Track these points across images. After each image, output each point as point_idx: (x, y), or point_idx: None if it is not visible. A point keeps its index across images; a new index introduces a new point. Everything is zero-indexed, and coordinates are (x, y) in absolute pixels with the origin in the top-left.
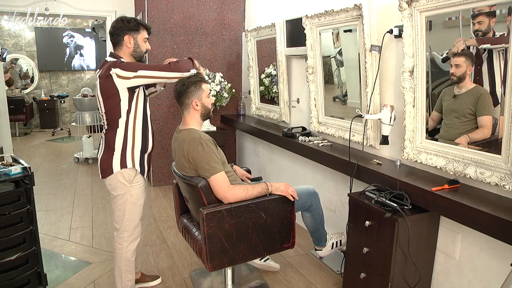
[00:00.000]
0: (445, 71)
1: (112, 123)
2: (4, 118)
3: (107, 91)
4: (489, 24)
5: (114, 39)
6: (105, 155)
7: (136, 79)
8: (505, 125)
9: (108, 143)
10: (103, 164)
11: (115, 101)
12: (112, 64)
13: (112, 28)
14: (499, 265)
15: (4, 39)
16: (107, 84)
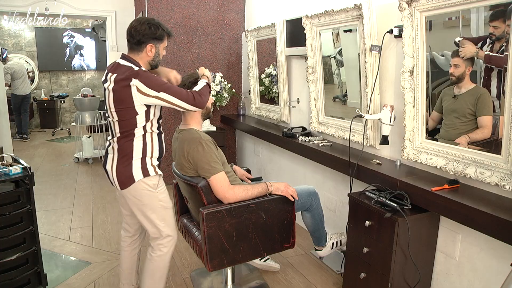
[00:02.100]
0: (445, 71)
1: (126, 133)
2: (4, 118)
3: (123, 101)
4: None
5: (135, 42)
6: (121, 165)
7: (155, 100)
8: (505, 125)
9: (123, 151)
10: (121, 175)
11: (131, 113)
12: (133, 73)
13: (136, 31)
14: (499, 265)
15: (4, 39)
16: (124, 94)
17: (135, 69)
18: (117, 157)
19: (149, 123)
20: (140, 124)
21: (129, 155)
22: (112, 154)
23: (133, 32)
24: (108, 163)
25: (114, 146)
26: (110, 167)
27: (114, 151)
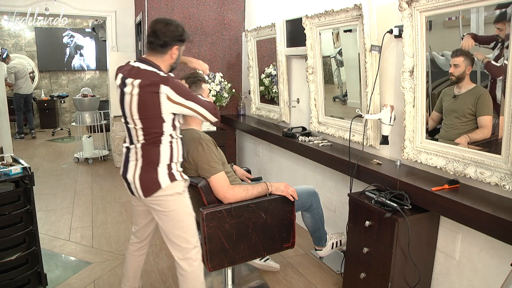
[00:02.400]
0: (445, 71)
1: (152, 139)
2: (4, 118)
3: (149, 109)
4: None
5: (160, 44)
6: (146, 172)
7: (182, 108)
8: (505, 125)
9: (149, 158)
10: (147, 182)
11: (157, 121)
12: (161, 79)
13: (162, 32)
14: (499, 265)
15: (4, 39)
16: (151, 101)
17: (162, 75)
18: (141, 163)
19: (175, 130)
20: (167, 132)
21: (155, 161)
22: (134, 161)
23: (159, 34)
24: (130, 171)
25: (138, 152)
26: (132, 175)
27: (138, 157)
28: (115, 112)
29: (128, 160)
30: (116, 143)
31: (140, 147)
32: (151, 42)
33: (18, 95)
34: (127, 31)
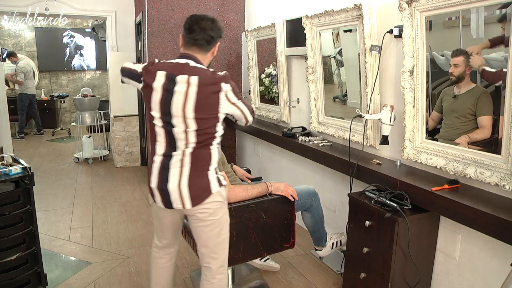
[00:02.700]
0: (445, 71)
1: (204, 142)
2: (4, 118)
3: (207, 108)
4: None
5: (207, 40)
6: (196, 178)
7: (234, 108)
8: (505, 125)
9: (200, 162)
10: (197, 189)
11: (212, 122)
12: (221, 78)
13: (210, 28)
14: (499, 265)
15: (4, 39)
16: (211, 100)
17: (221, 73)
18: (188, 170)
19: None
20: (219, 133)
21: (206, 165)
22: (179, 168)
23: (208, 30)
24: (173, 180)
25: (186, 157)
26: (176, 184)
27: (184, 163)
28: (115, 112)
29: (167, 168)
30: (116, 143)
31: (190, 151)
32: (198, 39)
33: (25, 95)
34: (127, 31)
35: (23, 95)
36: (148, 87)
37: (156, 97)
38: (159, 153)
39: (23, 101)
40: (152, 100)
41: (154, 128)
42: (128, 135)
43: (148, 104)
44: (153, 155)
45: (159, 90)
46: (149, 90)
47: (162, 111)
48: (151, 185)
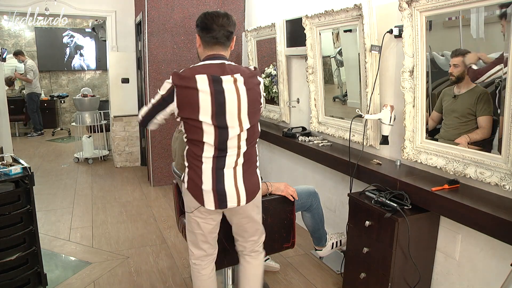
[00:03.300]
0: (445, 71)
1: (254, 137)
2: (4, 118)
3: (255, 102)
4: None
5: (227, 36)
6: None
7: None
8: (505, 125)
9: (250, 160)
10: (252, 186)
11: (258, 116)
12: (257, 71)
13: (229, 25)
14: (499, 265)
15: (4, 39)
16: (256, 94)
17: (250, 67)
18: (241, 168)
19: None
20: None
21: (255, 163)
22: (232, 169)
23: (226, 26)
24: (229, 181)
25: (240, 157)
26: (233, 184)
27: (238, 163)
28: (115, 112)
29: (222, 168)
30: (116, 143)
31: (243, 151)
32: (219, 37)
33: (34, 94)
34: (127, 31)
35: (32, 95)
36: (189, 95)
37: (206, 100)
38: (208, 155)
39: (34, 100)
40: (200, 104)
41: (201, 132)
42: (128, 135)
43: (194, 109)
44: (199, 158)
45: (207, 93)
46: (192, 96)
47: (215, 113)
48: (204, 188)
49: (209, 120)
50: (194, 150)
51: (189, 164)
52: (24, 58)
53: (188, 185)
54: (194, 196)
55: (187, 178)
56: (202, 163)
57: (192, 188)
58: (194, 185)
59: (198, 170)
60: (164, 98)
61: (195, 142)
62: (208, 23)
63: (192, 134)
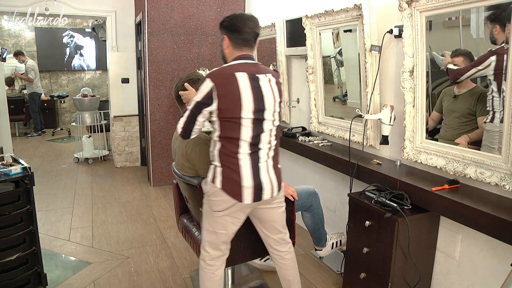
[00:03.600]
0: (445, 71)
1: (277, 135)
2: (4, 118)
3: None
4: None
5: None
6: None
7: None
8: (505, 125)
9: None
10: (279, 177)
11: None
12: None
13: (257, 27)
14: (499, 265)
15: (4, 39)
16: (280, 91)
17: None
18: (272, 161)
19: None
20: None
21: (278, 155)
22: (265, 162)
23: (255, 28)
24: (264, 174)
25: (271, 150)
26: (267, 177)
27: (269, 156)
28: (115, 112)
29: (257, 162)
30: (116, 143)
31: (274, 143)
32: (249, 39)
33: (36, 94)
34: (127, 31)
35: (34, 94)
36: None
37: (247, 96)
38: (245, 152)
39: (35, 99)
40: (242, 100)
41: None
42: (128, 135)
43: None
44: (234, 155)
45: (248, 89)
46: (234, 92)
47: (256, 108)
48: (244, 184)
49: (250, 115)
50: (229, 148)
51: (222, 163)
52: (25, 58)
53: (223, 184)
54: (231, 194)
55: (220, 178)
56: (239, 160)
57: (229, 187)
58: (232, 183)
59: (235, 168)
60: (202, 102)
61: (231, 140)
62: (239, 25)
63: (229, 132)
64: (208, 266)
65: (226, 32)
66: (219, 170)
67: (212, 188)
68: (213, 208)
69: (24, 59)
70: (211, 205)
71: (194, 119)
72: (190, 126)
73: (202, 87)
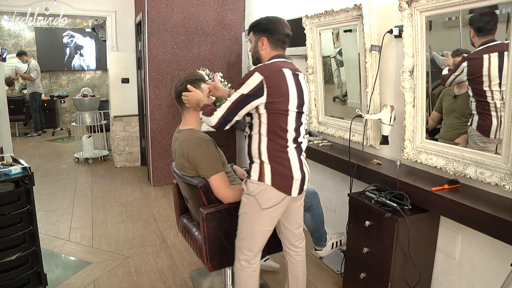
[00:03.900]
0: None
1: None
2: (4, 118)
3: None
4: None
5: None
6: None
7: None
8: (505, 125)
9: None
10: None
11: None
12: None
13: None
14: (499, 265)
15: (4, 39)
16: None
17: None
18: (305, 154)
19: None
20: None
21: None
22: (304, 155)
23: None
24: (305, 166)
25: (303, 146)
26: (307, 169)
27: (303, 151)
28: (115, 112)
29: (300, 155)
30: (116, 143)
31: (306, 137)
32: (285, 41)
33: (37, 93)
34: (127, 31)
35: (35, 94)
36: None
37: (293, 90)
38: (291, 145)
39: (36, 99)
40: (290, 95)
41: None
42: (128, 135)
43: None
44: (284, 149)
45: (293, 84)
46: (283, 86)
47: (299, 103)
48: (295, 177)
49: (294, 109)
50: (278, 142)
51: (271, 159)
52: (28, 58)
53: (273, 180)
54: (281, 189)
55: (270, 174)
56: (288, 153)
57: (280, 182)
58: (283, 177)
59: (285, 162)
60: (250, 94)
61: (279, 133)
62: (278, 27)
63: (278, 125)
64: (250, 266)
65: (264, 34)
66: (267, 167)
67: (259, 186)
68: (262, 206)
69: (27, 59)
70: (259, 203)
71: (236, 111)
72: (230, 118)
73: (250, 80)
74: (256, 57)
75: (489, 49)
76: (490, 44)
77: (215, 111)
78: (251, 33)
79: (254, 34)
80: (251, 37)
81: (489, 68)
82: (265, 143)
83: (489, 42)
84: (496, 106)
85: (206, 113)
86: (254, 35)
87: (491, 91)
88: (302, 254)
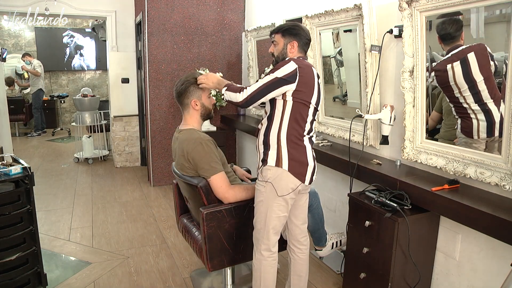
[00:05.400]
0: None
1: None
2: (4, 118)
3: None
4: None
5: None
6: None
7: None
8: (505, 125)
9: None
10: None
11: None
12: None
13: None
14: (499, 265)
15: (4, 39)
16: None
17: None
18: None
19: None
20: None
21: None
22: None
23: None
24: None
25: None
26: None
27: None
28: (115, 112)
29: (311, 146)
30: (116, 143)
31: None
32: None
33: (42, 91)
34: (127, 31)
35: (40, 92)
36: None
37: (316, 87)
38: (307, 135)
39: (40, 97)
40: (314, 90)
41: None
42: (128, 135)
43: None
44: (301, 137)
45: (316, 82)
46: (311, 80)
47: (317, 99)
48: (310, 164)
49: (314, 104)
50: (297, 130)
51: (290, 145)
52: (31, 59)
53: (289, 166)
54: (297, 175)
55: (287, 160)
56: (304, 141)
57: (296, 167)
58: (299, 164)
59: (302, 149)
60: (284, 78)
61: (299, 122)
62: (306, 33)
63: (300, 113)
64: (272, 254)
65: (295, 38)
66: (285, 153)
67: (276, 171)
68: (279, 193)
69: (30, 60)
70: (276, 190)
71: (266, 92)
72: (258, 97)
73: (286, 66)
74: (282, 58)
75: (452, 58)
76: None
77: (245, 88)
78: (279, 35)
79: (283, 37)
80: (277, 39)
81: (454, 77)
82: (285, 130)
83: (455, 48)
84: (472, 108)
85: (234, 89)
86: (284, 38)
87: (463, 96)
88: (306, 252)
